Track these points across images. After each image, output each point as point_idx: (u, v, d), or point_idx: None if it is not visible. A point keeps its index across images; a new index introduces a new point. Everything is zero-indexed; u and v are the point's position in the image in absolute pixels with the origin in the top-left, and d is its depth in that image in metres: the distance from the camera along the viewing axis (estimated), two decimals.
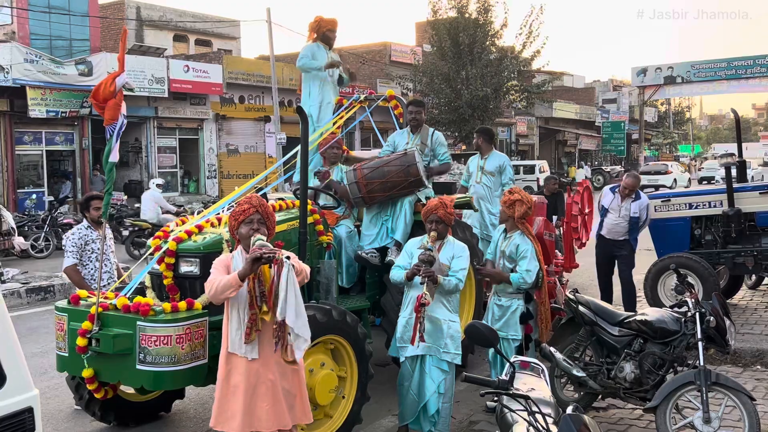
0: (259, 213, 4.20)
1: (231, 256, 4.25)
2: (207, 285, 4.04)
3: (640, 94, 48.30)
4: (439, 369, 5.23)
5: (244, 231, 4.16)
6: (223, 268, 4.11)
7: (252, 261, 3.89)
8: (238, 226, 4.20)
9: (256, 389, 4.07)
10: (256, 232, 4.13)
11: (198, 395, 6.61)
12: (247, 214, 4.17)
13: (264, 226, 4.21)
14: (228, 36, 34.80)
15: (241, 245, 4.24)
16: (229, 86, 27.45)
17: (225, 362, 4.14)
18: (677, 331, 5.37)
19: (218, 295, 3.97)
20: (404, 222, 6.41)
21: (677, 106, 70.64)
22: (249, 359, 4.08)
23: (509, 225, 5.86)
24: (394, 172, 6.32)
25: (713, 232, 8.87)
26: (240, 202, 4.30)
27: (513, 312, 5.77)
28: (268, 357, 4.10)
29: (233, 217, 4.24)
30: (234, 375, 4.10)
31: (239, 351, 4.07)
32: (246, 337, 4.02)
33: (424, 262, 5.02)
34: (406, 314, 5.33)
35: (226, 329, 4.14)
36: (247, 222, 4.17)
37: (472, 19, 29.76)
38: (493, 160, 8.02)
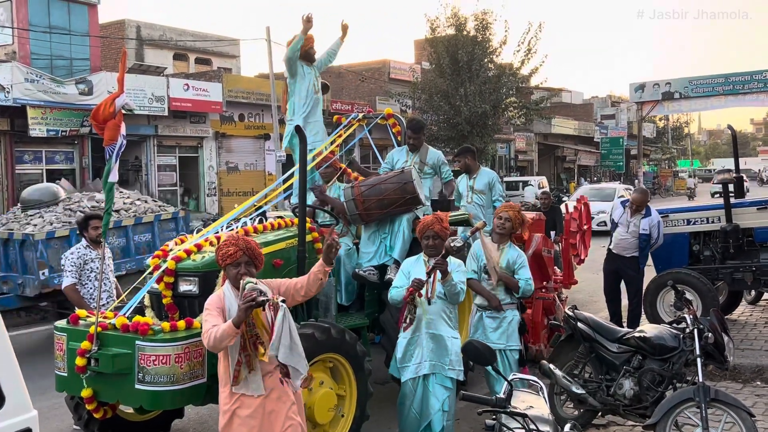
0: (246, 255, 4.15)
1: (222, 295, 4.18)
2: (204, 335, 3.96)
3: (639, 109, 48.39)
4: (443, 387, 5.23)
5: (232, 273, 4.13)
6: (216, 312, 4.06)
7: (246, 309, 3.86)
8: (225, 266, 4.17)
9: (266, 419, 4.05)
10: (245, 275, 4.11)
11: (197, 414, 6.60)
12: (235, 258, 4.11)
13: (252, 267, 4.17)
14: (228, 54, 34.99)
15: (229, 281, 4.21)
16: (228, 104, 27.55)
17: (230, 402, 4.07)
18: (676, 348, 5.38)
19: (217, 345, 3.92)
20: (402, 240, 6.42)
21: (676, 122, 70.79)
22: (255, 396, 4.05)
23: (503, 239, 5.89)
24: (391, 189, 6.35)
25: (712, 248, 8.88)
26: (226, 242, 4.21)
27: (510, 323, 5.78)
28: (273, 389, 4.10)
29: (220, 258, 4.17)
30: (243, 410, 4.04)
31: (246, 390, 4.04)
32: (234, 380, 4.00)
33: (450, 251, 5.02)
34: (406, 334, 5.31)
35: (227, 371, 4.08)
36: (234, 265, 4.13)
37: (470, 37, 29.95)
38: (482, 178, 8.03)
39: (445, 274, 4.99)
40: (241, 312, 3.86)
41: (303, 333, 4.91)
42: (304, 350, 4.75)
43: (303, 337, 4.85)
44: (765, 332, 8.72)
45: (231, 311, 4.05)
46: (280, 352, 3.82)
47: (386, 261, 6.48)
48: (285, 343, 3.83)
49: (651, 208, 8.55)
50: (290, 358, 3.87)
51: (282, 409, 4.10)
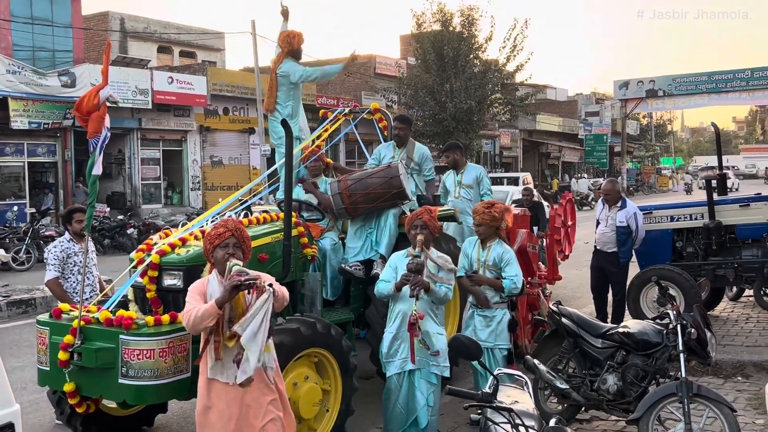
0: (235, 237, 4.14)
1: (206, 281, 4.16)
2: (183, 316, 3.95)
3: (623, 107, 48.75)
4: (428, 382, 5.23)
5: (220, 255, 4.10)
6: (199, 296, 4.04)
7: (231, 289, 3.85)
8: (213, 249, 4.14)
9: (244, 412, 4.03)
10: (232, 256, 4.09)
11: (181, 409, 6.57)
12: (223, 238, 4.11)
13: (239, 250, 4.16)
14: (212, 48, 34.79)
15: (215, 269, 4.19)
16: (213, 98, 27.42)
17: (206, 390, 4.07)
18: (659, 343, 5.41)
19: (196, 325, 3.90)
20: (388, 234, 6.42)
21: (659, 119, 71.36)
22: (231, 384, 4.02)
23: (490, 236, 5.89)
24: (378, 184, 6.34)
25: (694, 244, 8.95)
26: (215, 225, 4.26)
27: (500, 322, 5.79)
28: (251, 379, 4.07)
29: (208, 240, 4.17)
30: (219, 401, 4.04)
31: (221, 377, 4.03)
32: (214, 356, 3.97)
33: (413, 272, 5.02)
34: (392, 329, 5.32)
35: (205, 358, 4.07)
36: (223, 246, 4.11)
37: (456, 33, 29.99)
38: (470, 173, 8.05)
39: (427, 290, 5.00)
40: (226, 292, 3.85)
41: (288, 327, 4.91)
42: (290, 345, 4.77)
43: (288, 331, 4.88)
44: (746, 328, 8.81)
45: (213, 297, 4.03)
46: (245, 334, 3.78)
47: (372, 256, 6.47)
48: (253, 327, 3.79)
49: (627, 201, 8.59)
50: (249, 344, 3.82)
51: (262, 402, 4.08)
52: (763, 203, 8.53)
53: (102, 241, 19.16)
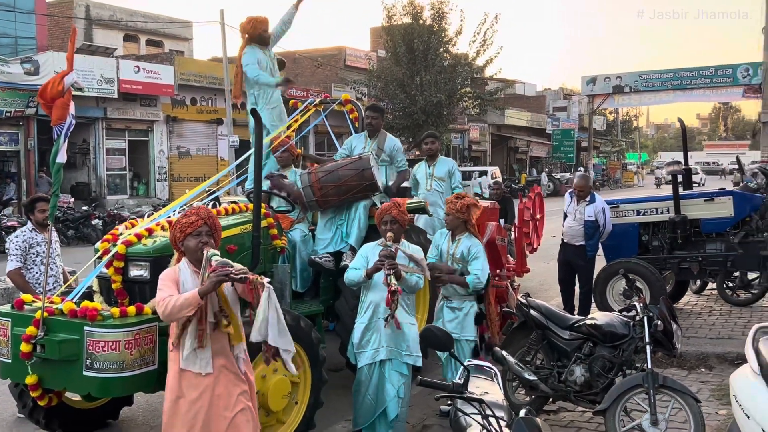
0: (207, 225, 4.07)
1: (177, 269, 4.09)
2: (159, 304, 3.87)
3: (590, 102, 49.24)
4: (399, 373, 5.24)
5: (192, 244, 4.03)
6: (172, 284, 3.97)
7: (217, 281, 3.79)
8: (184, 238, 4.06)
9: (214, 402, 3.99)
10: (205, 245, 4.02)
11: (147, 402, 6.48)
12: (195, 226, 4.03)
13: (211, 239, 4.10)
14: (180, 37, 34.34)
15: (185, 258, 4.12)
16: (180, 88, 27.05)
17: (177, 380, 4.01)
18: (626, 335, 5.48)
19: (174, 314, 3.83)
20: (358, 226, 6.39)
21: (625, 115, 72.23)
22: (203, 374, 3.98)
23: (459, 228, 5.90)
24: (349, 176, 6.30)
25: (660, 238, 9.07)
26: (186, 213, 4.19)
27: (467, 314, 5.81)
28: (222, 372, 4.03)
29: (179, 229, 4.08)
30: (190, 391, 3.98)
31: (193, 367, 3.97)
32: (196, 344, 3.93)
33: (386, 258, 5.00)
34: (364, 319, 5.30)
35: (177, 346, 4.01)
36: (195, 235, 4.04)
37: (426, 26, 30.02)
38: (442, 166, 8.05)
39: (398, 277, 4.98)
40: (211, 283, 3.79)
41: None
42: None
43: None
44: (709, 321, 8.97)
45: (186, 286, 3.98)
46: (269, 335, 3.77)
47: (342, 248, 6.44)
48: (273, 324, 3.79)
49: (596, 195, 8.69)
50: (280, 340, 3.84)
51: (232, 392, 4.04)
52: (728, 198, 8.68)
53: (66, 232, 18.82)
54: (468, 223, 5.87)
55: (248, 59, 6.90)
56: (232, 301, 4.08)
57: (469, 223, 5.88)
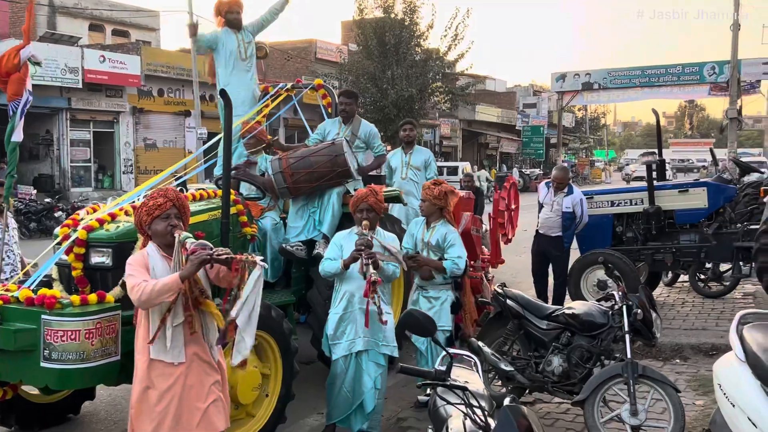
0: (176, 207, 3.86)
1: (145, 254, 3.86)
2: (134, 290, 3.63)
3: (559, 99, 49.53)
4: (376, 364, 5.10)
5: (161, 227, 3.81)
6: (143, 269, 3.75)
7: (200, 263, 3.59)
8: (152, 221, 3.84)
9: (186, 392, 3.79)
10: (175, 228, 3.82)
11: (109, 395, 6.23)
12: (164, 208, 3.81)
13: (180, 221, 3.90)
14: (147, 27, 33.71)
15: (153, 242, 3.90)
16: (147, 78, 26.54)
17: (146, 371, 3.80)
18: (604, 324, 5.38)
19: (153, 300, 3.61)
20: (332, 214, 6.20)
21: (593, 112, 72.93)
22: (175, 364, 3.77)
23: (435, 216, 5.75)
24: (322, 162, 6.11)
25: (634, 229, 9.03)
26: (152, 195, 3.97)
27: (443, 303, 5.67)
28: (194, 361, 3.83)
29: (145, 212, 3.85)
30: (160, 382, 3.78)
31: (165, 357, 3.76)
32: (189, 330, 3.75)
33: (364, 247, 4.83)
34: (338, 309, 5.14)
35: (146, 335, 3.80)
36: (164, 217, 3.82)
37: (398, 20, 29.88)
38: (418, 155, 7.91)
39: (376, 267, 4.81)
40: (193, 266, 3.59)
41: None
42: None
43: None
44: (683, 312, 8.95)
45: (156, 271, 3.77)
46: (240, 317, 3.59)
47: (315, 236, 6.25)
48: (247, 309, 3.61)
49: (573, 187, 8.64)
50: (245, 327, 3.64)
51: (205, 382, 3.85)
52: (702, 189, 8.66)
53: (28, 224, 18.32)
54: (444, 210, 5.73)
55: (209, 35, 6.89)
56: (206, 284, 3.89)
57: (446, 210, 5.74)
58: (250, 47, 7.02)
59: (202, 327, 3.89)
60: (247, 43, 6.97)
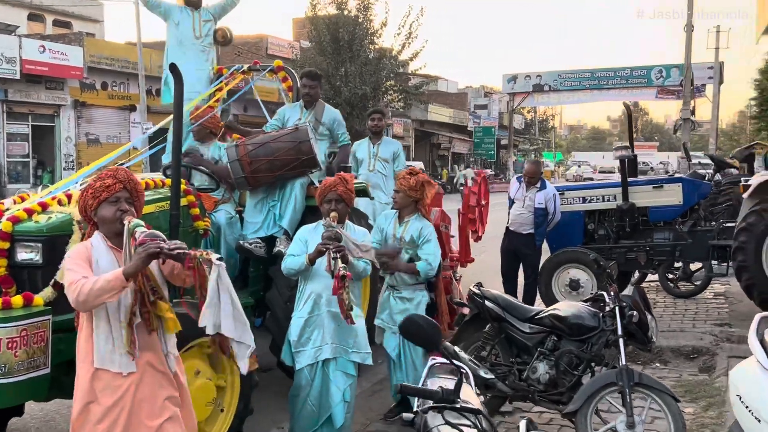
0: (127, 190, 3.28)
1: (89, 245, 3.26)
2: (71, 288, 3.04)
3: (510, 100, 49.71)
4: (345, 373, 4.55)
5: (109, 213, 3.22)
6: (84, 263, 3.16)
7: (147, 257, 3.02)
8: (98, 205, 3.25)
9: (136, 408, 3.19)
10: (125, 214, 3.24)
11: (41, 410, 5.54)
12: (113, 191, 3.23)
13: (132, 207, 3.31)
14: (90, 18, 32.43)
15: (99, 231, 3.31)
16: (90, 71, 25.39)
17: (89, 382, 3.20)
18: (595, 328, 4.93)
19: (92, 300, 3.02)
20: (294, 208, 5.63)
21: (542, 115, 73.66)
22: (124, 374, 3.18)
23: (409, 209, 5.24)
24: (284, 149, 5.53)
25: (606, 227, 8.69)
26: (100, 175, 3.35)
27: (418, 304, 5.17)
28: (147, 371, 3.25)
29: (91, 195, 3.26)
30: (106, 395, 3.18)
31: (111, 366, 3.17)
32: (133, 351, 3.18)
33: (331, 239, 4.29)
34: (303, 313, 4.58)
35: (89, 342, 3.20)
36: (112, 201, 3.23)
37: (351, 16, 29.45)
38: (388, 146, 7.40)
39: (346, 261, 4.28)
40: (139, 261, 3.00)
41: (177, 313, 4.04)
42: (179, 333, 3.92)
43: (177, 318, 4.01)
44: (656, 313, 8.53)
45: (100, 265, 3.18)
46: (223, 325, 3.08)
47: (275, 232, 5.68)
48: (227, 311, 3.08)
49: (546, 182, 8.25)
50: (237, 331, 3.15)
51: (158, 396, 3.26)
52: (677, 185, 8.35)
53: None
54: (420, 203, 5.23)
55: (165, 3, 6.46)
56: (160, 282, 3.31)
57: (421, 203, 5.24)
58: (207, 26, 6.47)
59: (159, 334, 3.32)
60: (204, 21, 6.43)
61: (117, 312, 3.20)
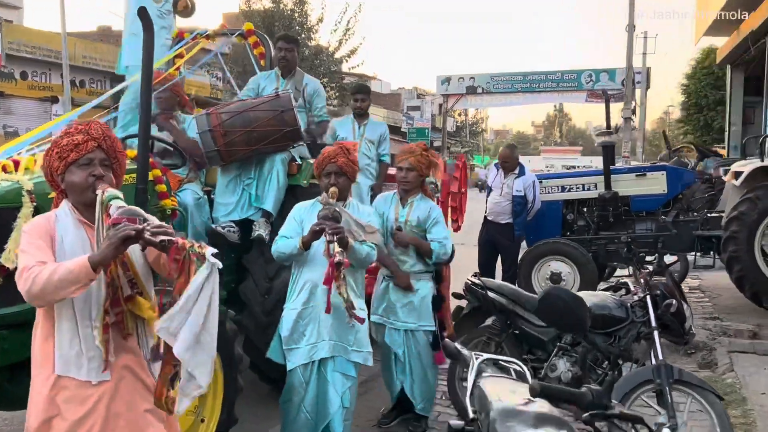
0: (103, 150, 2.56)
1: (51, 217, 2.54)
2: (23, 276, 2.32)
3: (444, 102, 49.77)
4: (344, 375, 3.91)
5: (78, 179, 2.51)
6: (43, 243, 2.44)
7: (120, 242, 2.29)
8: (66, 168, 2.53)
9: (111, 424, 2.48)
10: (100, 180, 2.51)
11: None
12: (84, 150, 2.51)
13: (110, 172, 2.59)
14: (9, 5, 30.41)
15: (67, 200, 2.58)
16: (9, 59, 23.66)
17: (50, 392, 2.47)
18: (624, 319, 4.41)
19: (49, 295, 2.31)
20: (276, 186, 4.92)
21: (473, 118, 74.41)
22: (94, 383, 2.47)
23: (414, 190, 4.63)
24: (264, 119, 4.81)
25: (586, 217, 8.28)
26: (69, 131, 2.60)
27: (424, 297, 4.55)
28: (123, 375, 2.55)
29: (57, 155, 2.54)
30: (71, 408, 2.45)
31: (78, 373, 2.46)
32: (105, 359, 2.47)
33: (329, 219, 3.63)
34: (296, 305, 3.93)
35: (48, 343, 2.49)
36: (83, 164, 2.52)
37: (287, 12, 28.69)
38: (375, 128, 6.75)
39: (345, 246, 3.63)
40: (110, 247, 2.30)
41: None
42: None
43: None
44: None
45: (65, 244, 2.46)
46: (179, 340, 2.29)
47: (251, 215, 4.96)
48: (192, 325, 2.30)
49: (525, 168, 7.79)
50: (193, 357, 2.33)
51: (137, 408, 2.56)
52: (661, 173, 8.00)
53: None
54: (424, 183, 4.65)
55: None
56: (144, 274, 2.59)
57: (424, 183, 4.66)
58: None
59: (138, 330, 2.60)
60: None
61: (86, 308, 2.48)
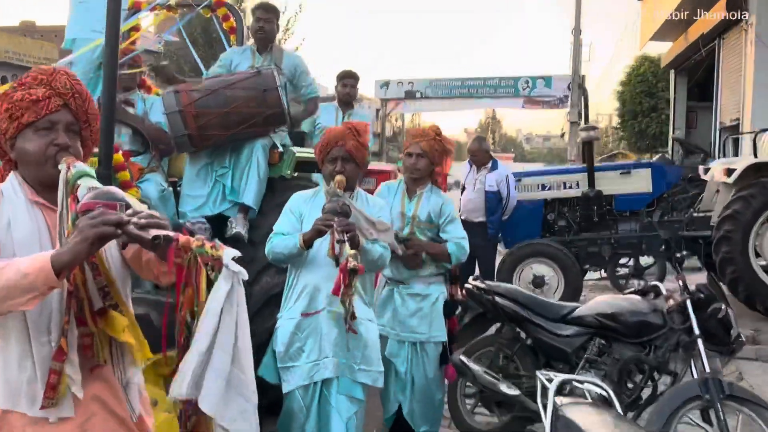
0: (71, 110, 1.89)
1: None
2: None
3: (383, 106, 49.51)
4: (350, 398, 3.29)
5: (34, 147, 1.85)
6: None
7: (97, 238, 1.64)
8: (19, 130, 1.85)
9: None
10: (63, 152, 1.85)
11: None
12: (45, 109, 1.85)
13: (78, 139, 1.92)
14: None
15: (16, 173, 1.92)
16: None
17: None
18: (661, 326, 3.92)
19: None
20: (257, 177, 4.25)
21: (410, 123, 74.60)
22: (52, 420, 1.83)
23: (423, 181, 4.05)
24: (243, 99, 4.14)
25: (567, 217, 7.86)
26: (24, 80, 1.90)
27: (434, 303, 3.94)
28: (92, 410, 1.90)
29: (6, 113, 1.85)
30: None
31: (29, 407, 1.82)
32: (49, 393, 1.79)
33: (336, 214, 3.01)
34: (293, 313, 3.30)
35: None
36: (42, 127, 1.85)
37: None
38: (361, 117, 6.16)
39: (356, 247, 3.02)
40: (85, 243, 1.63)
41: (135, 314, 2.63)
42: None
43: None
44: None
45: (13, 230, 1.82)
46: (205, 391, 1.68)
47: (226, 210, 4.29)
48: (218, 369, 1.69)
49: (498, 162, 7.35)
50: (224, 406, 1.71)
51: None
52: (645, 170, 7.66)
53: None
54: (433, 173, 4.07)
55: None
56: (121, 279, 1.93)
57: (435, 173, 4.08)
58: None
59: (113, 353, 1.94)
60: None
61: (42, 318, 1.82)
